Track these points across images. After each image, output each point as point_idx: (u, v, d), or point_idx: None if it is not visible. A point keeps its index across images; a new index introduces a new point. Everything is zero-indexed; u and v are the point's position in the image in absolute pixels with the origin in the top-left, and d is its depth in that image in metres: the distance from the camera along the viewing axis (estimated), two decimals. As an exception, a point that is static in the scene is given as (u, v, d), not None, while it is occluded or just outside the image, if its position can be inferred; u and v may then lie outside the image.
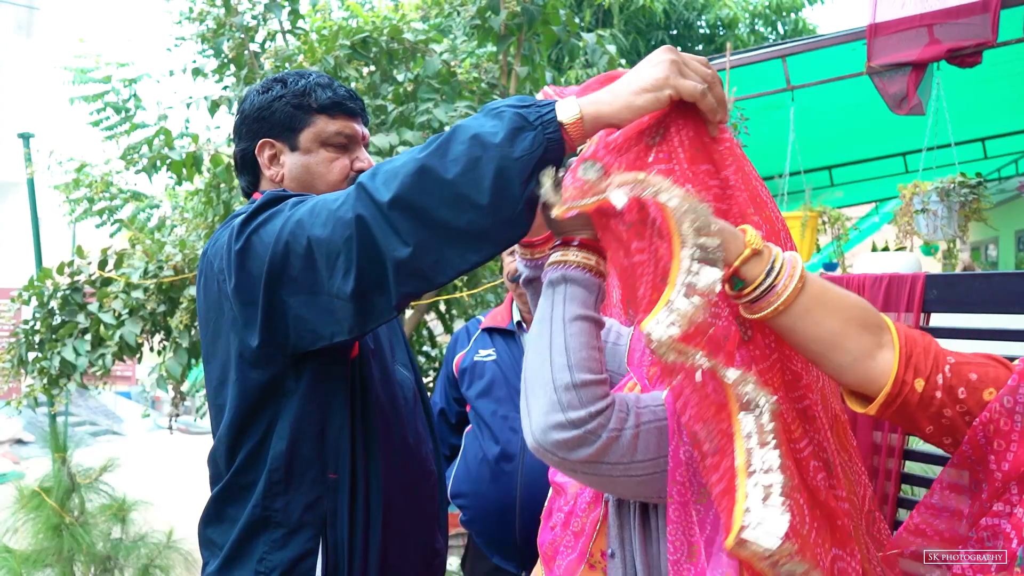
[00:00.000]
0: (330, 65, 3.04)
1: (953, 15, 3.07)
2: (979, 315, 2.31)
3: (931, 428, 0.97)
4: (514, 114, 1.03)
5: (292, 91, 1.46)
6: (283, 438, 1.32)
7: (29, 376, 3.29)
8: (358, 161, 1.49)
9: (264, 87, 1.49)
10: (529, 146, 1.01)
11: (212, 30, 3.40)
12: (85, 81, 3.56)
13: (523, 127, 1.02)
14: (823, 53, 3.84)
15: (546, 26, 3.16)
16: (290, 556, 1.31)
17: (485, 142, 1.02)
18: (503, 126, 1.02)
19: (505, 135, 1.02)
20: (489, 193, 1.02)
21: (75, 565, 3.52)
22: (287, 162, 1.47)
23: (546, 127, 1.02)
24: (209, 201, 3.44)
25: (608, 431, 0.96)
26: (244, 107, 1.51)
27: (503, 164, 1.01)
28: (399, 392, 1.49)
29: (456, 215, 1.04)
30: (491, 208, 1.02)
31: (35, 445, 8.11)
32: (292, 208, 1.20)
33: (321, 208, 1.15)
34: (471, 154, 1.02)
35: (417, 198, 1.05)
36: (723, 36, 8.19)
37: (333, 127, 1.47)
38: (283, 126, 1.46)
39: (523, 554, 2.14)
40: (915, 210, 2.79)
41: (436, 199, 1.04)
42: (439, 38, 3.23)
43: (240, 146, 1.52)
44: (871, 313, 0.99)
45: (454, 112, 3.00)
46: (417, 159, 1.06)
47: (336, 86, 1.49)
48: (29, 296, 3.27)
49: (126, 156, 3.33)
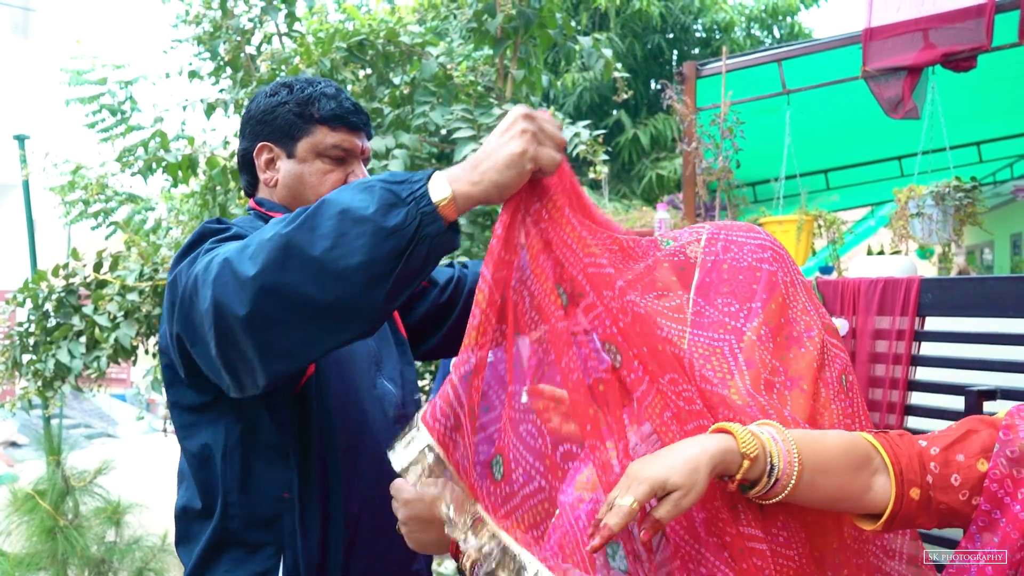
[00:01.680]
0: (326, 68, 3.04)
1: (948, 20, 3.08)
2: (974, 318, 2.32)
3: (935, 522, 1.05)
4: (384, 189, 1.01)
5: (296, 98, 1.45)
6: (233, 465, 1.32)
7: (23, 378, 3.28)
8: (353, 176, 1.47)
9: (272, 90, 1.49)
10: (402, 221, 0.99)
11: (208, 33, 3.40)
12: (81, 83, 3.55)
13: (395, 203, 1.00)
14: (819, 57, 3.85)
15: (542, 29, 3.17)
16: (250, 573, 1.32)
17: (356, 216, 0.99)
18: (374, 200, 1.00)
19: (377, 208, 0.99)
20: (360, 268, 0.98)
21: (69, 568, 3.50)
22: (282, 168, 1.47)
23: (419, 201, 1.00)
24: (205, 204, 3.44)
25: None
26: (251, 107, 1.51)
27: (376, 238, 0.98)
28: (374, 408, 1.46)
29: (323, 291, 1.00)
30: (363, 283, 0.99)
31: (29, 447, 8.07)
32: (202, 257, 1.16)
33: (208, 268, 1.10)
34: (340, 228, 0.99)
35: (281, 276, 1.00)
36: (719, 40, 8.20)
37: (331, 139, 1.45)
38: (283, 132, 1.46)
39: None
40: (910, 214, 2.79)
41: (301, 276, 1.00)
42: (435, 41, 3.23)
43: (242, 145, 1.52)
44: (858, 447, 1.04)
45: (450, 115, 3.00)
46: (282, 234, 1.01)
47: (343, 98, 1.48)
48: (24, 298, 3.26)
49: (122, 158, 3.33)
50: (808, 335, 1.15)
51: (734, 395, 1.05)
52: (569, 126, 2.86)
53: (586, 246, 1.06)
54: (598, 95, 7.65)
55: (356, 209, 0.99)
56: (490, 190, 1.01)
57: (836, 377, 1.18)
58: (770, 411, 1.05)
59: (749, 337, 1.11)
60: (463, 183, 1.02)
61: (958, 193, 2.68)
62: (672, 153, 7.41)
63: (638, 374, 1.02)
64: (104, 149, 3.59)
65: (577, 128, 2.85)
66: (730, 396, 1.04)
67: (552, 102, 7.61)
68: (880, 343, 2.40)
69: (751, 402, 1.05)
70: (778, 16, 8.49)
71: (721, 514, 0.99)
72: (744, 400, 1.05)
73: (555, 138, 1.04)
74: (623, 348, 1.02)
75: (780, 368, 1.11)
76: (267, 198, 1.50)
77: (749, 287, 1.17)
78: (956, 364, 2.31)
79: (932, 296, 2.33)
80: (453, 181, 1.02)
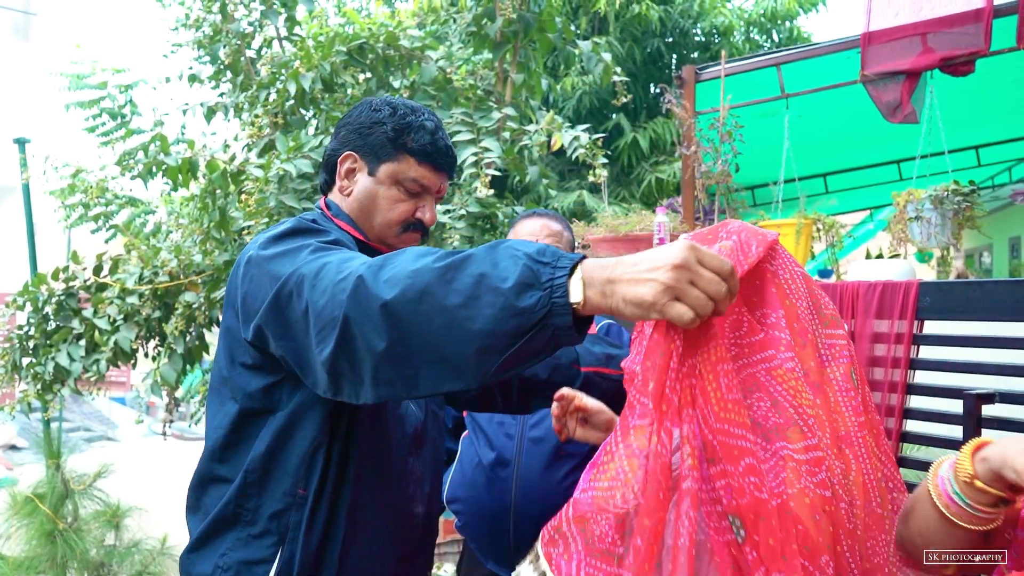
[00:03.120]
0: (326, 72, 3.05)
1: (946, 24, 3.09)
2: (972, 322, 2.32)
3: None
4: (527, 267, 0.99)
5: (395, 123, 1.49)
6: (264, 443, 1.35)
7: (23, 381, 3.28)
8: (422, 211, 1.52)
9: (377, 106, 1.53)
10: (533, 304, 0.98)
11: (208, 36, 3.41)
12: (81, 87, 3.56)
13: (532, 284, 0.98)
14: (818, 61, 3.86)
15: (542, 33, 3.18)
16: (246, 557, 1.35)
17: (492, 284, 0.99)
18: (514, 274, 0.99)
19: (514, 284, 0.98)
20: (480, 335, 0.99)
21: (69, 572, 3.50)
22: (360, 182, 1.51)
23: (554, 291, 0.98)
24: (205, 207, 3.44)
25: None
26: (352, 114, 1.55)
27: (504, 312, 0.98)
28: (397, 427, 1.50)
29: (442, 341, 1.02)
30: (478, 349, 1.00)
31: (29, 451, 8.06)
32: (308, 255, 1.21)
33: (327, 273, 1.14)
34: (475, 291, 1.00)
35: (412, 314, 1.02)
36: (718, 44, 8.21)
37: (414, 173, 1.50)
38: (372, 149, 1.50)
39: (517, 560, 2.14)
40: (909, 217, 2.80)
41: (428, 319, 1.02)
42: (435, 45, 3.24)
43: (332, 145, 1.57)
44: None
45: (450, 118, 3.01)
46: (424, 281, 1.03)
47: (439, 136, 1.52)
48: (24, 301, 3.26)
49: (122, 162, 3.33)
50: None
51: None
52: (568, 130, 2.87)
53: (727, 410, 1.00)
54: (597, 99, 7.66)
55: (494, 278, 1.00)
56: (617, 311, 0.98)
57: (845, 374, 1.17)
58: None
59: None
60: (595, 290, 0.99)
61: (956, 197, 2.68)
62: (671, 157, 7.42)
63: (754, 555, 0.98)
64: (104, 153, 3.60)
65: (577, 132, 2.86)
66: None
67: (551, 106, 7.62)
68: (879, 346, 2.40)
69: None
70: (777, 21, 8.50)
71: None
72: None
73: (709, 290, 0.95)
74: (747, 524, 0.98)
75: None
76: (337, 203, 1.55)
77: (768, 291, 1.16)
78: (955, 368, 2.31)
79: (931, 299, 2.33)
80: (588, 284, 0.99)
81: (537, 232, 2.22)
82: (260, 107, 3.16)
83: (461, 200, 2.92)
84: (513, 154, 3.01)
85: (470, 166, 2.83)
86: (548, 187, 3.47)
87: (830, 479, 1.03)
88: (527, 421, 2.16)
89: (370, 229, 1.53)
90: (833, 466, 1.05)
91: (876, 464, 1.15)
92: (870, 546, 1.09)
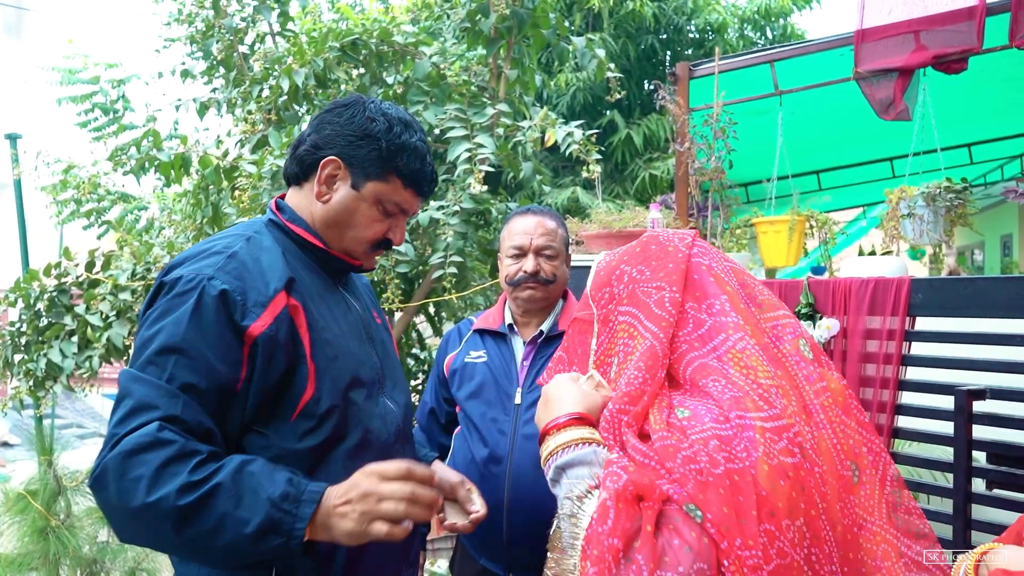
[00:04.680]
0: (319, 67, 3.04)
1: (939, 22, 3.10)
2: (963, 319, 2.33)
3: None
4: (268, 515, 1.16)
5: (389, 141, 1.45)
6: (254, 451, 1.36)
7: (15, 378, 3.27)
8: (392, 232, 1.52)
9: (372, 115, 1.47)
10: (270, 550, 1.16)
11: (201, 32, 3.39)
12: (73, 82, 3.55)
13: (273, 532, 1.16)
14: (811, 58, 3.86)
15: (536, 29, 3.17)
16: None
17: (235, 528, 1.15)
18: (255, 521, 1.15)
19: (254, 532, 1.15)
20: (217, 558, 1.21)
21: (61, 568, 3.49)
22: (340, 192, 1.47)
23: (292, 538, 1.16)
24: (197, 203, 3.44)
25: None
26: (344, 114, 1.48)
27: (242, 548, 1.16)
28: (378, 427, 1.48)
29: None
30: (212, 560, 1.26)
31: (21, 448, 8.05)
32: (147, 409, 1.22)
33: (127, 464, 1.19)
34: (217, 528, 1.15)
35: (145, 539, 1.20)
36: (712, 41, 8.22)
37: (398, 196, 1.49)
38: (360, 163, 1.45)
39: (510, 556, 2.14)
40: (901, 215, 2.81)
41: (164, 542, 1.19)
42: (429, 41, 3.23)
43: (313, 139, 1.49)
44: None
45: (444, 114, 3.00)
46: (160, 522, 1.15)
47: (427, 163, 1.51)
48: (15, 298, 3.25)
49: (114, 157, 3.32)
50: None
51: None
52: (562, 126, 2.86)
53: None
54: (591, 95, 7.66)
55: (237, 520, 1.16)
56: (340, 542, 1.20)
57: (793, 348, 1.22)
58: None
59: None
60: (318, 529, 1.20)
61: (949, 194, 2.69)
62: (665, 153, 7.43)
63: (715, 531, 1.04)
64: (96, 148, 3.59)
65: (570, 128, 2.86)
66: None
67: (545, 102, 7.61)
68: (871, 343, 2.41)
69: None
70: (771, 18, 8.51)
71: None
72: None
73: (397, 495, 1.20)
74: (700, 505, 1.06)
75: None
76: (302, 206, 1.50)
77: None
78: (946, 364, 2.33)
79: (922, 296, 2.34)
80: (317, 527, 1.19)
81: (531, 230, 2.21)
82: (253, 103, 3.15)
83: (455, 196, 2.92)
84: (507, 150, 3.01)
85: (464, 162, 2.82)
86: (542, 183, 3.47)
87: (800, 444, 1.07)
88: (520, 418, 2.16)
89: (338, 239, 1.50)
90: (803, 431, 1.08)
91: (843, 430, 1.19)
92: (840, 508, 1.11)
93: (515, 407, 2.18)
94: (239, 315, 1.28)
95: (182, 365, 1.23)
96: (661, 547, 0.98)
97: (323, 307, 1.44)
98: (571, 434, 1.14)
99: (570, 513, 1.05)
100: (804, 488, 1.04)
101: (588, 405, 1.19)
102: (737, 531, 0.99)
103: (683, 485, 1.02)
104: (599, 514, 1.00)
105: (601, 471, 1.08)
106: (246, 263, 1.35)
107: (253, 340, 1.28)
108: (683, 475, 1.03)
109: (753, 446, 1.04)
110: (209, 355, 1.25)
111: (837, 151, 6.60)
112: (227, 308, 1.28)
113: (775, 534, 0.99)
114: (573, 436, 1.14)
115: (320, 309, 1.42)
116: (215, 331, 1.26)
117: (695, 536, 0.99)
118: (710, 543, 0.99)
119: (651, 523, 0.99)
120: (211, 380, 1.24)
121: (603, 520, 0.99)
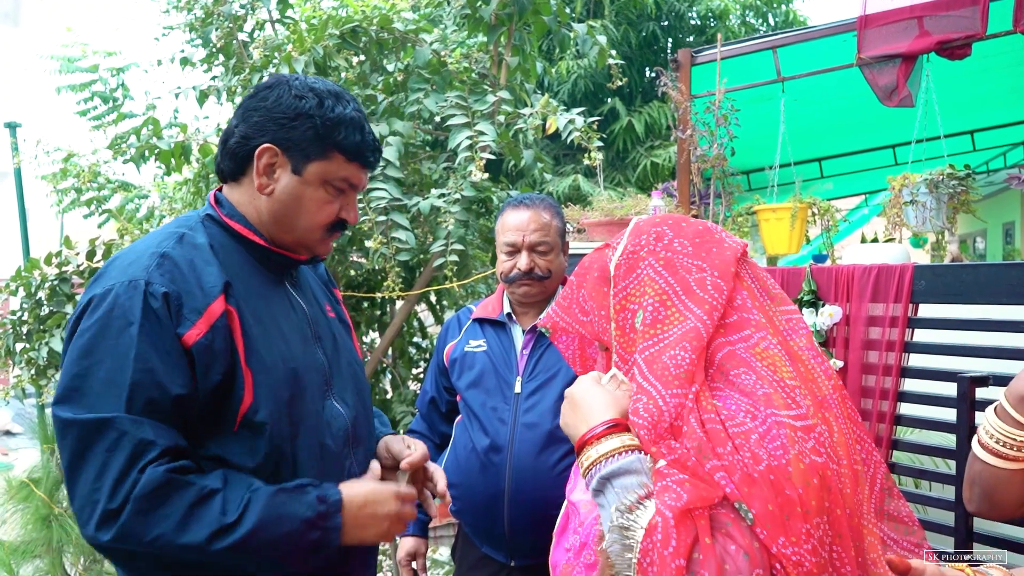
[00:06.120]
0: (319, 55, 3.02)
1: (943, 7, 3.08)
2: (966, 305, 2.33)
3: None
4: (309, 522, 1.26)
5: (323, 117, 1.37)
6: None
7: (17, 367, 3.27)
8: (346, 211, 1.45)
9: (300, 93, 1.38)
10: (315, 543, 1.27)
11: (200, 19, 3.37)
12: (72, 70, 3.52)
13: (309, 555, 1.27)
14: (813, 45, 3.84)
15: (537, 16, 3.15)
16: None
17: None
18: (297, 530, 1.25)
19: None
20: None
21: (64, 556, 3.51)
22: (282, 181, 1.39)
23: (330, 536, 1.29)
24: (198, 191, 3.43)
25: None
26: (271, 99, 1.38)
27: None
28: (324, 432, 1.41)
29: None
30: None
31: (23, 436, 8.07)
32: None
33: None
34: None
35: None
36: (714, 27, 8.18)
37: (344, 172, 1.41)
38: (297, 146, 1.37)
39: (511, 544, 2.15)
40: (904, 202, 2.79)
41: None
42: (429, 28, 3.21)
43: (243, 131, 1.40)
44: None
45: (444, 102, 2.99)
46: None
47: (367, 132, 1.43)
48: (16, 287, 3.25)
49: (114, 146, 3.31)
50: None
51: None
52: (564, 113, 2.85)
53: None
54: (593, 82, 7.63)
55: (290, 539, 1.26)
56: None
57: (809, 343, 1.22)
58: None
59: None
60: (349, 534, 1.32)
61: (952, 181, 2.68)
62: (667, 141, 7.41)
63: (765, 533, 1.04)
64: (96, 137, 3.57)
65: (572, 115, 2.84)
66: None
67: (547, 89, 7.59)
68: (873, 330, 2.41)
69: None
70: (773, 3, 8.47)
71: None
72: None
73: (403, 512, 1.42)
74: (746, 501, 1.06)
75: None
76: (243, 202, 1.43)
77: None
78: (949, 351, 2.32)
79: (925, 283, 2.33)
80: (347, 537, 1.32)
81: (524, 226, 2.19)
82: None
83: (456, 184, 2.91)
84: (508, 138, 2.99)
85: (465, 150, 2.81)
86: (543, 171, 3.46)
87: (823, 444, 1.07)
88: (520, 407, 2.16)
89: (290, 231, 1.42)
90: (822, 431, 1.08)
91: (850, 425, 1.19)
92: (854, 502, 1.11)
93: (515, 396, 2.18)
94: (175, 322, 1.23)
95: (140, 386, 1.18)
96: (720, 556, 0.98)
97: (263, 308, 1.37)
98: (612, 443, 1.11)
99: (621, 525, 1.03)
100: (831, 488, 1.04)
101: (620, 409, 1.16)
102: (782, 529, 0.99)
103: (731, 474, 1.02)
104: (663, 536, 0.98)
105: (648, 479, 1.06)
106: (179, 265, 1.28)
107: (187, 349, 1.23)
108: (731, 463, 1.03)
109: (788, 444, 1.03)
110: (159, 369, 1.20)
111: (840, 138, 6.58)
112: (168, 313, 1.23)
113: (811, 533, 1.00)
114: (614, 445, 1.11)
115: (259, 312, 1.35)
116: (162, 343, 1.21)
117: (748, 540, 0.99)
118: (761, 547, 0.99)
119: (708, 534, 0.99)
120: (166, 394, 1.20)
121: (667, 543, 0.98)
